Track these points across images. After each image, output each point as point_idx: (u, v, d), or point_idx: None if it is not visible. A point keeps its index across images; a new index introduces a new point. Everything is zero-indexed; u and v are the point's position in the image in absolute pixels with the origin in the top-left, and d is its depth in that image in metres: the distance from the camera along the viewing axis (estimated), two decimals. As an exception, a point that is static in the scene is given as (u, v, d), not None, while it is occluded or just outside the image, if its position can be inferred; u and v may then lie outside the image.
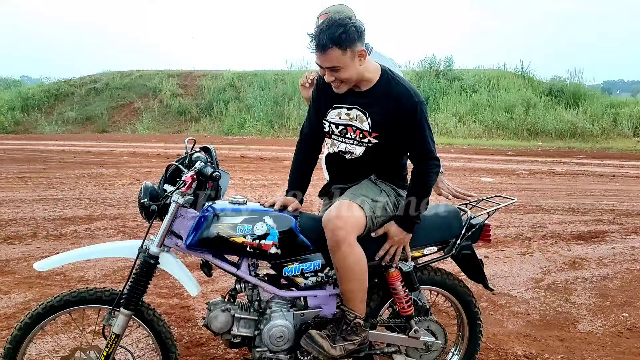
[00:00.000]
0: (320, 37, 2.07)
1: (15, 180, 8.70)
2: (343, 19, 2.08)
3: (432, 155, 2.27)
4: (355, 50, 2.11)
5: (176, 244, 2.17)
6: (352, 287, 2.18)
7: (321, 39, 2.07)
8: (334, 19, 2.08)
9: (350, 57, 2.11)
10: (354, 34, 2.08)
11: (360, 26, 2.12)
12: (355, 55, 2.12)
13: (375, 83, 2.25)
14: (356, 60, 2.13)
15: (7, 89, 25.69)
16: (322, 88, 2.37)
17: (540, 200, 7.62)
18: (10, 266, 4.38)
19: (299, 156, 2.51)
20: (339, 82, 2.20)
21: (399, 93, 2.21)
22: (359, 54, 2.13)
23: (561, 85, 21.49)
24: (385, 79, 2.26)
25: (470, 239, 2.46)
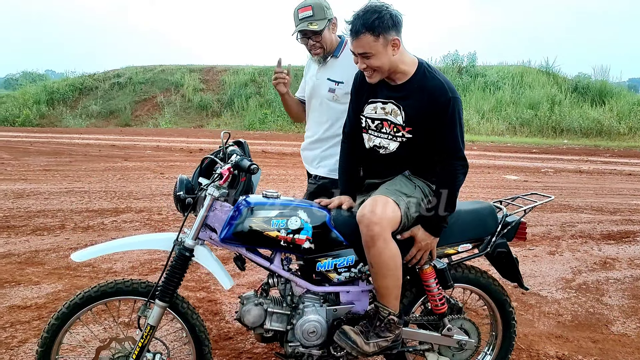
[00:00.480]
0: (354, 22, 2.08)
1: (42, 173, 8.86)
2: (379, 5, 2.07)
3: (459, 155, 2.20)
4: (389, 39, 2.10)
5: (210, 237, 2.17)
6: (387, 283, 2.15)
7: (355, 24, 2.08)
8: (371, 5, 2.08)
9: (383, 45, 2.10)
10: (388, 22, 2.07)
11: (397, 15, 2.10)
12: (389, 43, 2.10)
13: (411, 76, 2.22)
14: (389, 48, 2.12)
15: (32, 83, 26.17)
16: (359, 83, 2.37)
17: (568, 199, 7.48)
18: (39, 257, 4.46)
19: (343, 158, 2.52)
20: (370, 71, 2.19)
21: (434, 87, 2.18)
22: (392, 42, 2.11)
23: (587, 82, 21.06)
24: (422, 72, 2.22)
25: (506, 237, 2.41)
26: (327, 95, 2.81)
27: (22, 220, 5.63)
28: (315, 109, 2.91)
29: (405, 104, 2.22)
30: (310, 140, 2.95)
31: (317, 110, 2.90)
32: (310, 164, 2.97)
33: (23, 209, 6.10)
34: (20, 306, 3.41)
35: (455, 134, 2.19)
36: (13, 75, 35.31)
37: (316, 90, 2.86)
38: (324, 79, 2.82)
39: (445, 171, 2.23)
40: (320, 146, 2.89)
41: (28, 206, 6.26)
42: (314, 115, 2.93)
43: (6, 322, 3.15)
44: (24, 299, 3.53)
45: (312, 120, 2.95)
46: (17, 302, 3.46)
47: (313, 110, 2.94)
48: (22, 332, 3.04)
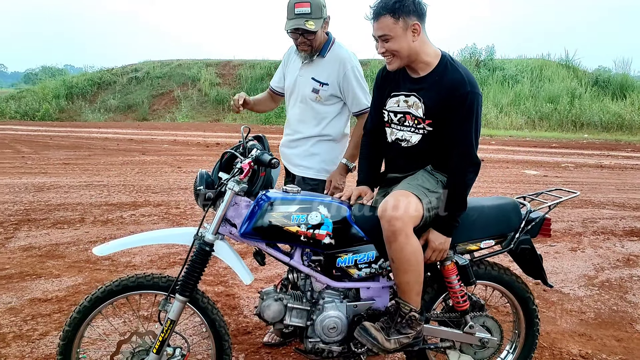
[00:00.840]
0: (376, 5, 2.09)
1: (62, 166, 8.97)
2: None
3: (470, 152, 2.13)
4: (409, 23, 2.08)
5: (230, 232, 2.16)
6: (408, 279, 2.12)
7: (377, 6, 2.08)
8: None
9: (403, 28, 2.08)
10: (410, 6, 2.06)
11: (420, 3, 2.10)
12: (409, 27, 2.09)
13: (434, 68, 2.19)
14: (409, 33, 2.10)
15: (52, 78, 26.53)
16: (381, 79, 2.37)
17: (590, 194, 7.34)
18: (60, 250, 4.51)
19: (364, 150, 2.50)
20: (390, 56, 2.16)
21: (454, 79, 2.14)
22: (412, 27, 2.10)
23: (607, 75, 20.65)
24: (444, 65, 2.19)
25: (530, 233, 2.36)
26: (310, 95, 2.75)
27: (42, 213, 5.70)
28: (296, 106, 2.84)
29: (426, 96, 2.19)
30: (291, 138, 2.89)
31: (298, 108, 2.83)
32: (290, 161, 2.92)
33: (43, 202, 6.19)
34: (41, 299, 3.45)
35: (468, 129, 2.13)
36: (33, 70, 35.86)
37: (299, 87, 2.80)
38: (308, 77, 2.75)
39: (454, 169, 2.18)
40: (301, 145, 2.84)
41: (48, 199, 6.35)
42: (295, 112, 2.85)
43: (27, 315, 3.19)
44: (44, 292, 3.57)
45: (294, 117, 2.87)
46: (38, 295, 3.51)
47: (293, 107, 2.86)
48: (42, 324, 3.07)
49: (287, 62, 2.93)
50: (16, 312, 3.24)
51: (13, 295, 3.51)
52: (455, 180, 2.18)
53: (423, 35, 2.15)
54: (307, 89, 2.75)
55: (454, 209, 2.17)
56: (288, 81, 2.89)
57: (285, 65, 2.94)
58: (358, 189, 2.39)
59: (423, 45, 2.16)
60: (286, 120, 2.96)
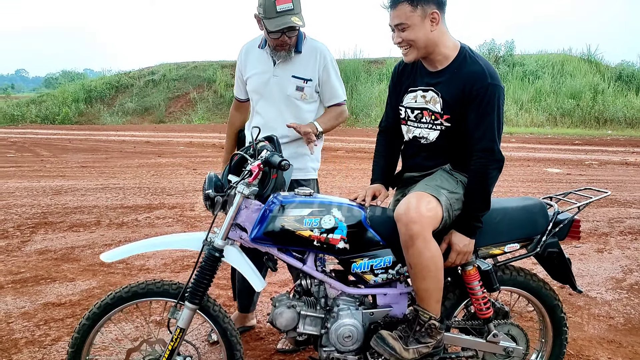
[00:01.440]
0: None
1: (79, 169, 9.04)
2: None
3: (493, 148, 2.02)
4: (427, 11, 1.99)
5: (241, 237, 2.07)
6: (427, 285, 2.01)
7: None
8: None
9: (421, 17, 1.99)
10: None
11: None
12: (427, 16, 2.00)
13: (452, 61, 2.08)
14: (427, 22, 2.00)
15: (71, 82, 26.91)
16: (398, 74, 2.28)
17: (615, 192, 7.10)
18: (75, 253, 4.49)
19: (378, 147, 2.41)
20: (406, 46, 2.06)
21: (473, 72, 2.03)
22: (431, 16, 2.00)
23: (631, 70, 20.15)
24: (462, 57, 2.08)
25: (557, 236, 2.23)
26: (294, 94, 2.62)
27: (59, 216, 5.71)
28: (273, 108, 2.66)
29: (443, 90, 2.09)
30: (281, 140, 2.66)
31: (275, 110, 2.65)
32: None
33: (61, 205, 6.21)
34: (55, 303, 3.42)
35: (490, 123, 2.01)
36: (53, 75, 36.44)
37: (274, 88, 2.63)
38: (287, 76, 2.61)
39: (476, 165, 2.06)
40: (288, 147, 2.65)
41: (65, 202, 6.37)
42: (272, 114, 2.66)
43: (40, 320, 3.16)
44: (58, 296, 3.54)
45: (271, 119, 2.66)
46: (51, 299, 3.47)
47: (267, 109, 2.67)
48: (55, 329, 3.03)
49: (245, 65, 2.72)
50: (29, 317, 3.21)
51: (27, 299, 3.48)
52: (477, 177, 2.06)
53: (442, 25, 2.05)
54: (289, 88, 2.61)
55: (477, 209, 2.05)
56: (255, 83, 2.68)
57: (243, 69, 2.73)
58: (372, 188, 2.29)
59: (442, 36, 2.05)
60: (255, 122, 2.73)
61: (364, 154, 11.03)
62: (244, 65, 2.72)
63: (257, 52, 2.67)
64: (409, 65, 2.23)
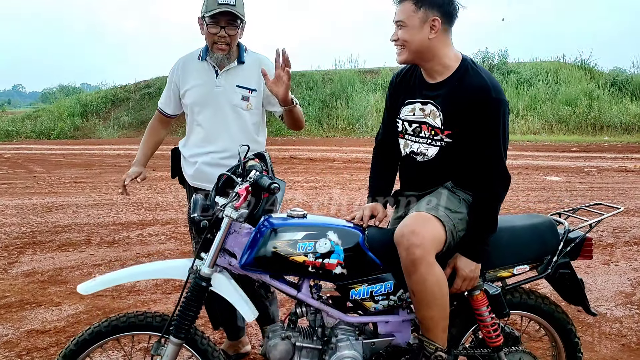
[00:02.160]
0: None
1: (72, 185, 8.87)
2: None
3: (500, 165, 1.92)
4: (429, 16, 1.90)
5: (230, 263, 1.92)
6: (432, 313, 1.86)
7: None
8: None
9: (421, 20, 1.90)
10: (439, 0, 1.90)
11: (452, 2, 1.93)
12: (428, 21, 1.90)
13: (452, 73, 1.96)
14: (426, 27, 1.91)
15: (67, 96, 26.76)
16: (395, 84, 2.16)
17: (617, 200, 6.97)
18: (63, 275, 4.32)
19: (375, 163, 2.28)
20: (400, 46, 1.97)
21: (477, 85, 1.91)
22: (431, 21, 1.90)
23: (625, 76, 20.15)
24: (464, 69, 1.96)
25: (569, 256, 2.09)
26: (240, 103, 2.53)
27: (48, 235, 5.55)
28: (221, 119, 2.54)
29: (444, 103, 1.95)
30: (222, 155, 2.55)
31: (223, 120, 2.54)
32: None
33: (50, 224, 6.04)
34: (39, 330, 3.25)
35: (496, 140, 1.90)
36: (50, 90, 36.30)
37: (218, 98, 2.52)
38: (231, 86, 2.52)
39: (482, 184, 1.94)
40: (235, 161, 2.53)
41: (56, 220, 6.20)
42: (218, 125, 2.54)
43: (23, 349, 2.99)
44: (43, 322, 3.37)
45: (214, 131, 2.55)
46: (35, 326, 3.31)
47: (213, 120, 2.55)
48: None
49: (182, 78, 2.60)
50: (12, 346, 3.04)
51: (10, 326, 3.32)
52: (483, 197, 1.93)
53: (445, 36, 1.93)
54: (235, 98, 2.53)
55: (483, 231, 1.92)
56: (195, 95, 2.56)
57: (180, 82, 2.61)
58: (369, 207, 2.15)
59: (443, 47, 1.94)
60: (195, 135, 2.62)
61: (361, 164, 10.89)
62: (181, 79, 2.61)
63: (197, 64, 2.58)
64: (407, 76, 2.11)
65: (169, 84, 2.68)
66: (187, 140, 2.68)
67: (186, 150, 2.67)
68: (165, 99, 2.74)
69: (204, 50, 2.57)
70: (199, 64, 2.58)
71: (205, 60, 2.55)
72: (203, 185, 2.57)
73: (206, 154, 2.58)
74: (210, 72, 2.55)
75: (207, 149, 2.58)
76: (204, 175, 2.57)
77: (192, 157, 2.63)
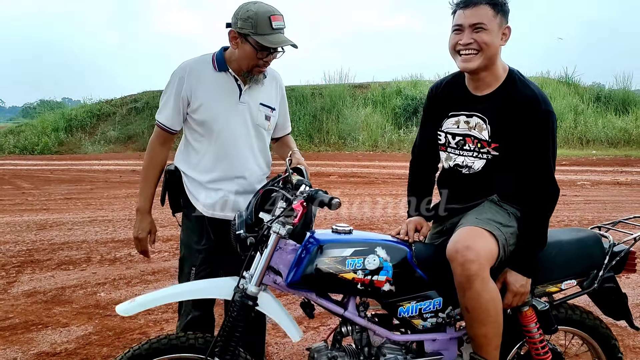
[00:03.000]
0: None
1: (64, 202, 8.67)
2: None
3: (549, 178, 1.91)
4: (504, 24, 1.92)
5: (275, 281, 1.86)
6: (486, 331, 1.82)
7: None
8: None
9: (498, 25, 1.90)
10: (508, 9, 1.92)
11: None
12: (502, 28, 1.91)
13: (500, 85, 1.95)
14: (500, 33, 1.91)
15: (50, 111, 26.38)
16: (436, 96, 2.12)
17: (615, 213, 7.03)
18: (66, 294, 4.18)
19: (414, 177, 2.24)
20: (475, 51, 1.90)
21: (526, 97, 1.89)
22: (504, 29, 1.92)
23: (609, 91, 20.59)
24: (512, 80, 1.95)
25: (614, 270, 2.07)
26: (263, 123, 2.31)
27: (46, 253, 5.39)
28: (244, 139, 2.28)
29: (492, 116, 1.93)
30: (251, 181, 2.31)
31: (246, 141, 2.28)
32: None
33: (47, 241, 5.87)
34: (49, 353, 3.13)
35: (545, 153, 1.89)
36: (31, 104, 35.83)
37: (249, 116, 2.28)
38: (255, 103, 2.29)
39: (532, 197, 1.92)
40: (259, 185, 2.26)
41: (51, 238, 6.04)
42: (242, 148, 2.28)
43: (35, 374, 2.86)
44: (52, 344, 3.24)
45: (241, 155, 2.28)
46: (45, 348, 3.18)
47: (237, 141, 2.26)
48: (53, 385, 2.74)
49: (194, 89, 2.24)
50: (22, 371, 2.91)
51: (18, 349, 3.18)
52: (533, 211, 1.90)
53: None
54: (259, 117, 2.30)
55: (533, 245, 1.89)
56: (215, 111, 2.24)
57: (191, 94, 2.25)
58: (412, 221, 2.10)
59: (499, 57, 1.93)
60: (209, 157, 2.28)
61: (357, 178, 10.88)
62: (193, 90, 2.24)
63: (213, 75, 2.25)
64: (448, 87, 2.09)
65: (175, 96, 2.27)
66: (198, 162, 2.30)
67: (199, 174, 2.29)
68: (170, 112, 2.30)
69: (221, 58, 2.26)
70: (216, 76, 2.25)
71: (224, 71, 2.25)
72: (226, 215, 2.24)
73: (231, 179, 2.27)
74: (233, 85, 2.26)
75: (231, 174, 2.27)
76: (232, 205, 2.26)
77: (212, 183, 2.27)
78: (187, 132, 2.36)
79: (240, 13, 2.14)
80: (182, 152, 2.38)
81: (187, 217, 2.38)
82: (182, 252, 2.37)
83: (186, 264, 2.33)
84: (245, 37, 2.13)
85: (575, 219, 6.63)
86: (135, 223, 2.37)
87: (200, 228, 2.29)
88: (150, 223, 2.37)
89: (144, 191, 2.36)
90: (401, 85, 20.26)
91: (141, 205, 2.34)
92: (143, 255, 2.42)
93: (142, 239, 2.33)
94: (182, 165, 2.36)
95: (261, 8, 2.12)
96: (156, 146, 2.39)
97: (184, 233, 2.39)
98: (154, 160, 2.37)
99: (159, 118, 2.36)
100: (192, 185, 2.31)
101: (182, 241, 2.38)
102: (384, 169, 12.41)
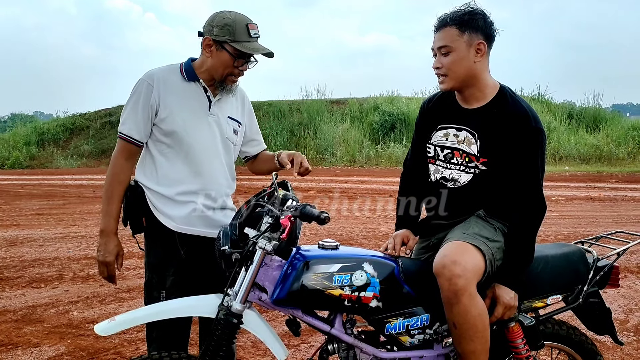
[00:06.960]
0: (443, 17, 1.91)
1: (35, 217, 8.43)
2: (475, 8, 1.90)
3: (537, 195, 1.92)
4: (474, 40, 1.88)
5: (260, 298, 1.81)
6: (474, 347, 1.80)
7: (443, 18, 1.90)
8: (467, 5, 1.91)
9: (466, 44, 1.88)
10: (480, 22, 1.88)
11: (491, 25, 1.91)
12: (473, 44, 1.88)
13: (490, 100, 1.96)
14: (472, 51, 1.89)
15: (23, 125, 25.80)
16: (427, 109, 2.13)
17: (589, 228, 7.18)
18: (37, 313, 4.03)
19: (404, 189, 2.22)
20: (443, 74, 1.92)
21: (517, 114, 1.91)
22: (477, 45, 1.89)
23: (580, 108, 21.18)
24: (502, 96, 1.96)
25: (598, 285, 2.08)
26: (232, 137, 2.23)
27: (16, 270, 5.20)
28: (214, 153, 2.18)
29: (482, 131, 1.94)
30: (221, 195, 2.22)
31: (215, 154, 2.19)
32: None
33: (17, 258, 5.68)
34: (20, 375, 2.99)
35: (535, 169, 1.91)
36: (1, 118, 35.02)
37: (217, 129, 2.19)
38: (224, 116, 2.20)
39: (521, 213, 1.92)
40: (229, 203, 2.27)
41: (22, 255, 5.84)
42: (211, 161, 2.17)
43: (5, 398, 2.73)
44: (23, 367, 3.10)
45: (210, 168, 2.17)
46: (15, 371, 3.04)
47: (205, 154, 2.15)
48: (23, 410, 2.61)
49: (162, 98, 2.10)
50: (-10, 394, 2.77)
51: (-15, 372, 3.03)
52: (521, 226, 1.91)
53: (486, 60, 1.93)
54: (227, 130, 2.21)
55: (521, 260, 1.89)
56: (186, 121, 2.12)
57: (158, 102, 2.10)
58: (399, 235, 2.08)
59: (484, 72, 1.94)
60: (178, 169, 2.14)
61: (335, 193, 10.88)
62: (161, 97, 2.10)
63: (182, 85, 2.13)
64: (440, 101, 2.09)
65: (143, 104, 2.09)
66: (165, 175, 2.14)
67: (166, 188, 2.13)
68: (136, 123, 2.11)
69: (190, 68, 2.15)
70: (185, 85, 2.14)
71: (194, 81, 2.14)
72: (198, 230, 2.13)
73: (201, 193, 2.15)
74: (202, 96, 2.15)
75: (201, 187, 2.15)
76: (205, 221, 2.14)
77: (181, 195, 2.12)
78: (150, 144, 2.17)
79: (216, 20, 2.07)
80: (145, 166, 2.19)
81: (150, 238, 2.21)
82: (148, 276, 2.20)
83: (155, 288, 2.14)
84: (222, 44, 2.06)
85: (552, 234, 6.72)
86: (99, 246, 2.13)
87: (169, 247, 2.13)
88: (117, 245, 2.14)
89: (108, 211, 2.13)
90: (378, 101, 20.44)
91: (106, 226, 2.12)
92: (108, 282, 2.22)
93: (109, 262, 2.12)
94: (146, 180, 2.17)
95: (238, 16, 2.09)
96: (120, 162, 2.17)
97: (149, 256, 2.21)
98: (118, 177, 2.15)
99: (123, 130, 2.15)
100: (160, 201, 2.13)
101: (149, 264, 2.20)
102: (362, 184, 12.44)
